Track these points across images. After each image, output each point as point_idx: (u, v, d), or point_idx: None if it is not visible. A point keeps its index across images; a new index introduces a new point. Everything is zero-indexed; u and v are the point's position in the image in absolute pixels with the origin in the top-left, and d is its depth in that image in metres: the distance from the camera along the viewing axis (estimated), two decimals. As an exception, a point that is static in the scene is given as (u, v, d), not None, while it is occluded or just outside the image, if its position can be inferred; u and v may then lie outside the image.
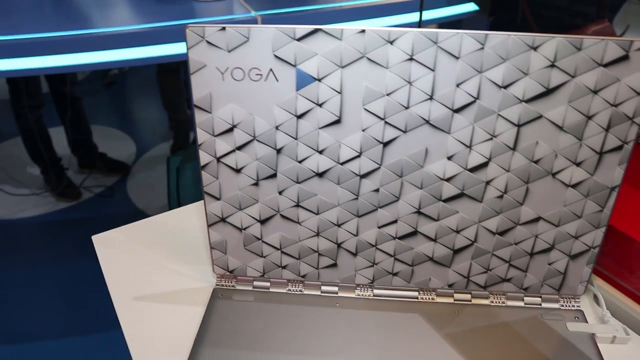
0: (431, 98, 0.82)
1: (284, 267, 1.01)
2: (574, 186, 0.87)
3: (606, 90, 0.79)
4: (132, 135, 4.68)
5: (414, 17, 2.77)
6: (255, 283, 1.01)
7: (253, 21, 2.54)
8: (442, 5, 2.87)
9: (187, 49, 0.84)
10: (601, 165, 0.85)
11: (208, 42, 0.82)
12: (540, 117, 0.82)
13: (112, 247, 1.15)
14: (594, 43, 0.76)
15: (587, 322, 0.95)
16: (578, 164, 0.85)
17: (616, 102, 0.80)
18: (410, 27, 2.61)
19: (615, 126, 0.82)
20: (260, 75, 0.83)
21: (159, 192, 3.88)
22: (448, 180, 0.89)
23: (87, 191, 3.90)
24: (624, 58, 0.77)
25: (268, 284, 1.01)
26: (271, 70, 0.83)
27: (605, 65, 0.78)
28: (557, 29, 2.06)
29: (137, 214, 3.66)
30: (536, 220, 0.92)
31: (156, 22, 2.40)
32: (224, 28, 0.81)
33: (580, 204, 0.89)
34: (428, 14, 2.86)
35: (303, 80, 0.84)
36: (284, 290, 1.00)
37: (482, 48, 0.78)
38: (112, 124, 4.88)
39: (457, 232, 0.94)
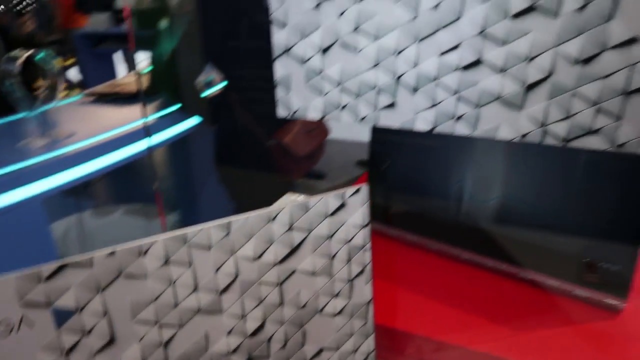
0: (196, 289, 0.85)
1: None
2: (339, 313, 0.94)
3: (339, 232, 0.88)
4: None
5: (142, 145, 2.76)
6: None
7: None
8: (167, 126, 2.87)
9: None
10: (354, 289, 0.93)
11: None
12: (294, 271, 0.88)
13: None
14: (318, 200, 0.86)
15: None
16: (336, 295, 0.93)
17: (349, 238, 0.89)
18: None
19: (353, 257, 0.90)
20: (12, 327, 0.78)
21: None
22: (234, 351, 0.90)
23: None
24: (343, 205, 0.87)
25: None
26: (22, 318, 0.78)
27: (332, 214, 0.87)
28: (272, 124, 2.15)
29: None
30: (320, 352, 0.96)
31: None
32: None
33: (349, 325, 0.96)
34: (156, 138, 2.83)
35: (62, 317, 0.81)
36: None
37: (228, 233, 0.83)
38: None
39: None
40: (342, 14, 0.93)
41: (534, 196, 1.17)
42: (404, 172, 1.38)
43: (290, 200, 1.65)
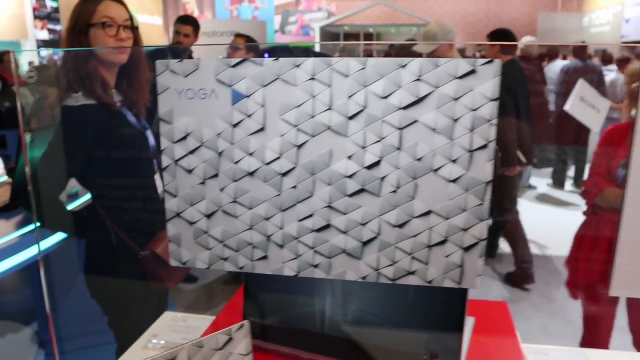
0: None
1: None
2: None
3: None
4: None
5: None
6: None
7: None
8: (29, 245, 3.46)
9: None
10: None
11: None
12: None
13: None
14: (210, 338, 1.30)
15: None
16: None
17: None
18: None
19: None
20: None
21: None
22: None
23: None
24: (230, 340, 1.34)
25: None
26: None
27: (221, 348, 1.31)
28: (142, 234, 2.71)
29: None
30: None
31: None
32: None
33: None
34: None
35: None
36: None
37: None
38: None
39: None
40: (223, 189, 1.38)
41: (383, 308, 1.53)
42: (277, 297, 1.71)
43: (170, 318, 2.05)
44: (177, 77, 1.38)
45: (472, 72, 1.26)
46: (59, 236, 3.58)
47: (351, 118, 1.32)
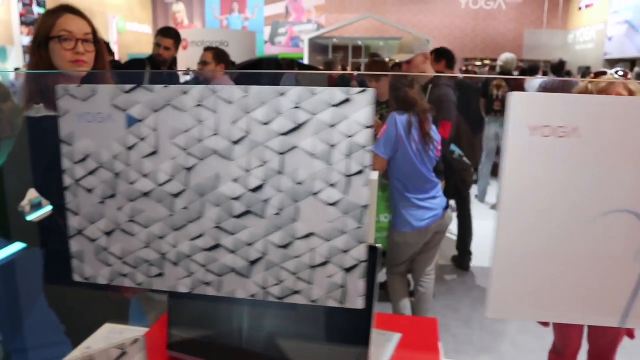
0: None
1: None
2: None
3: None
4: None
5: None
6: None
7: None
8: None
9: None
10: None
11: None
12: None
13: None
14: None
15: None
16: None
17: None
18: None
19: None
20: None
21: None
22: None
23: None
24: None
25: None
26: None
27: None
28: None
29: None
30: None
31: None
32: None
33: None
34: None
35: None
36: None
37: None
38: None
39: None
40: (120, 209, 1.47)
41: (296, 324, 1.68)
42: (197, 311, 1.88)
43: (108, 330, 2.11)
44: (77, 101, 1.45)
45: (347, 100, 1.34)
46: (18, 246, 3.43)
47: (236, 143, 1.39)
